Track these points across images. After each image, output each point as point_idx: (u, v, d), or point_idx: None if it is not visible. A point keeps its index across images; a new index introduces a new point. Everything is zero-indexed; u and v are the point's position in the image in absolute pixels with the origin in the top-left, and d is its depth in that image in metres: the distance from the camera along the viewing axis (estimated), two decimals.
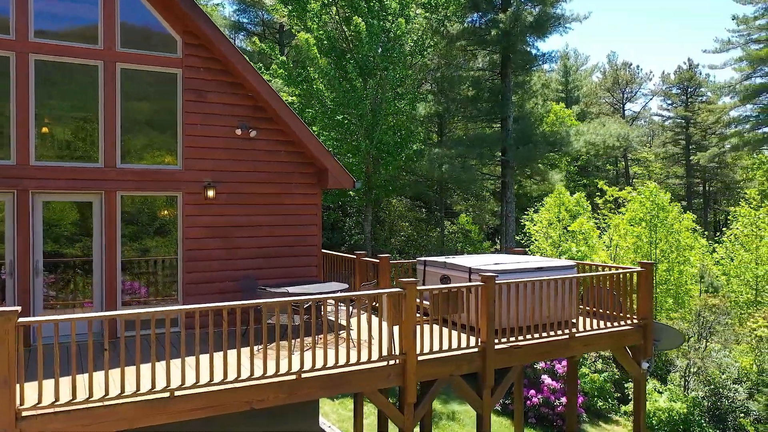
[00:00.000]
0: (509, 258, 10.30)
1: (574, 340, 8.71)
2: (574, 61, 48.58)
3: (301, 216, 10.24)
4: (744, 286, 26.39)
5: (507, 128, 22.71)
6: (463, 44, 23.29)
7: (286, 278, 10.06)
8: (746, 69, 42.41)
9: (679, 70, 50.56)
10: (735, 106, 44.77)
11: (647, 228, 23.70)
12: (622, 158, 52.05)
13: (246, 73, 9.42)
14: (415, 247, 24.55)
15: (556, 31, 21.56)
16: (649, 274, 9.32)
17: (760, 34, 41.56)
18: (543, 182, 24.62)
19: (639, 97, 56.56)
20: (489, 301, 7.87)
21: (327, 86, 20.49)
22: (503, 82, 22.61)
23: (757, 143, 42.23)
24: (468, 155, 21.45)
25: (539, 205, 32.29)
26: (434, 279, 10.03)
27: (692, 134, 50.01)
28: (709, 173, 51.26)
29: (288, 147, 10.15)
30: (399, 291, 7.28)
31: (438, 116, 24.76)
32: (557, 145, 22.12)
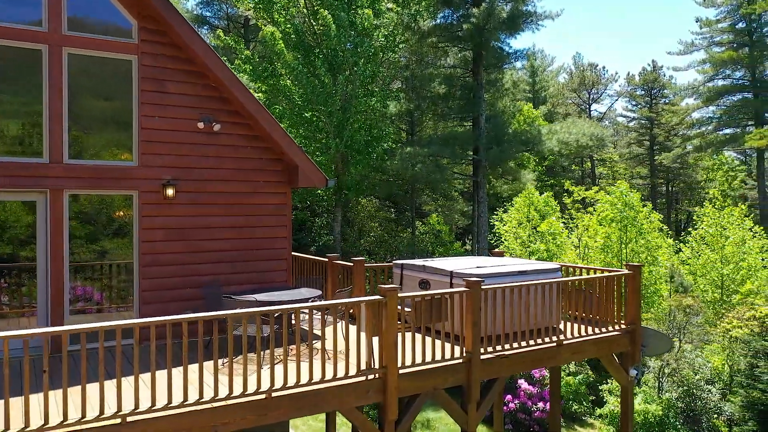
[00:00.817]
0: (490, 261, 9.78)
1: (562, 348, 8.23)
2: (540, 61, 48.77)
3: (269, 217, 9.51)
4: (710, 285, 26.61)
5: (479, 127, 22.30)
6: (434, 41, 22.79)
7: (253, 284, 9.33)
8: (709, 71, 43.15)
9: (644, 72, 51.24)
10: (698, 107, 45.55)
11: (618, 228, 23.62)
12: (588, 158, 52.51)
13: (209, 62, 8.66)
14: (385, 248, 23.96)
15: (529, 28, 21.28)
16: (637, 276, 8.92)
17: (723, 36, 42.33)
18: (515, 182, 24.32)
19: (604, 98, 57.17)
20: (474, 308, 7.31)
21: (295, 82, 19.75)
22: (475, 79, 22.19)
23: (720, 144, 43.01)
24: (441, 154, 20.95)
25: (509, 205, 32.18)
26: (412, 283, 9.44)
27: (656, 135, 50.74)
28: (673, 173, 52.10)
29: (255, 142, 9.42)
30: (379, 299, 6.66)
31: (408, 114, 24.21)
32: (530, 145, 21.82)
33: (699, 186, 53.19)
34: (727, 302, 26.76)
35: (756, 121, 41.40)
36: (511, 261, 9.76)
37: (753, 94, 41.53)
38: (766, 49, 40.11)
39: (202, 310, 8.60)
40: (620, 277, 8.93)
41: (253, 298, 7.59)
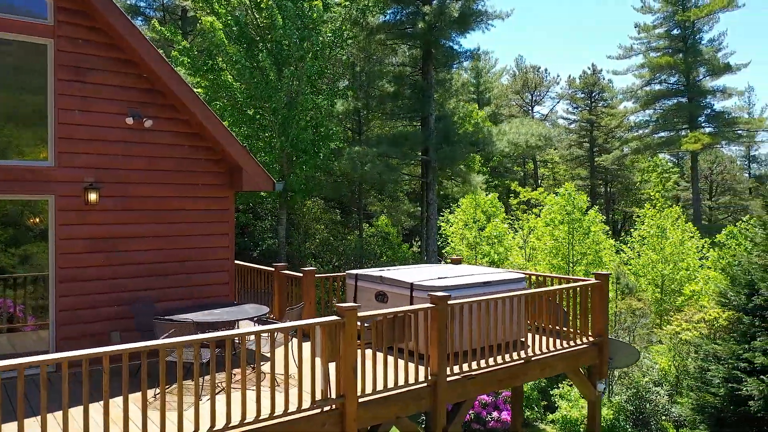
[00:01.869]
0: (450, 270, 9.14)
1: (529, 364, 7.68)
2: (484, 63, 49.01)
3: (209, 224, 8.54)
4: (650, 285, 27.12)
5: (429, 127, 21.78)
6: (382, 38, 22.13)
7: (191, 299, 8.34)
8: (647, 75, 44.37)
9: (584, 75, 52.31)
10: (636, 110, 46.83)
11: (565, 230, 23.65)
12: (530, 159, 53.21)
13: (140, 49, 7.62)
14: (331, 251, 23.10)
15: (479, 27, 20.93)
16: (605, 286, 8.49)
17: (659, 42, 43.61)
18: (464, 184, 23.96)
19: (547, 100, 58.11)
20: (440, 326, 6.64)
21: (237, 77, 18.63)
22: (425, 78, 21.66)
23: (657, 147, 44.30)
24: (390, 154, 20.29)
25: (455, 206, 31.95)
26: (368, 295, 8.69)
27: (596, 137, 51.89)
28: (611, 175, 53.45)
29: (193, 141, 8.43)
30: (336, 320, 5.87)
31: (356, 113, 23.46)
32: (480, 145, 21.48)
33: (635, 187, 54.82)
34: (667, 301, 27.36)
35: (690, 125, 42.87)
36: (472, 270, 9.16)
37: (687, 99, 42.99)
38: (699, 55, 41.57)
39: (132, 329, 7.59)
40: (586, 288, 8.47)
41: (190, 320, 6.65)
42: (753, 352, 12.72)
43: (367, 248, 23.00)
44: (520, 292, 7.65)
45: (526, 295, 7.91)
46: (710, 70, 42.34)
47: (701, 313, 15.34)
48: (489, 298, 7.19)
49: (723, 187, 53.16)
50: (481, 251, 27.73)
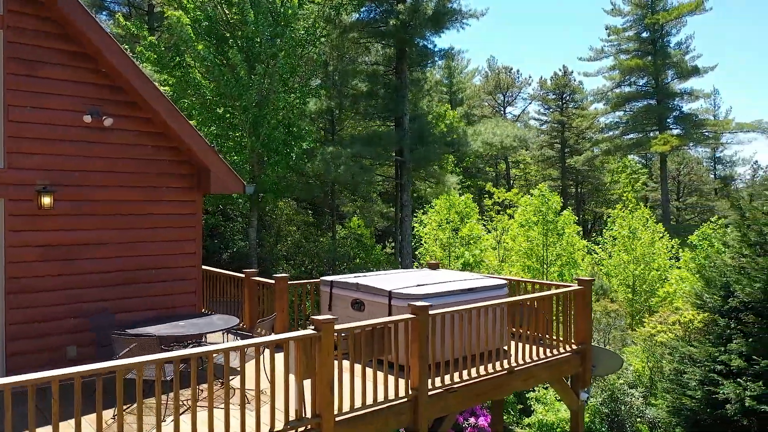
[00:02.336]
0: (429, 276, 8.80)
1: (513, 375, 7.37)
2: (457, 63, 48.98)
3: (174, 229, 8.03)
4: (621, 285, 27.28)
5: (403, 127, 21.44)
6: (356, 36, 21.71)
7: (155, 310, 7.83)
8: (617, 78, 44.84)
9: (555, 77, 52.69)
10: (606, 112, 47.30)
11: (540, 231, 23.59)
12: (503, 160, 53.39)
13: (99, 42, 7.09)
14: (303, 253, 22.60)
15: (454, 26, 20.68)
16: (588, 292, 8.24)
17: (629, 45, 44.10)
18: (438, 185, 23.69)
19: (518, 101, 58.40)
20: (421, 337, 6.28)
21: (206, 74, 18.02)
22: (399, 78, 21.31)
23: (627, 149, 44.79)
24: (364, 155, 19.89)
25: (428, 207, 31.71)
26: (343, 303, 8.30)
27: (567, 138, 52.32)
28: (582, 176, 53.97)
29: (158, 141, 7.92)
30: (311, 334, 5.47)
31: (329, 112, 22.98)
32: (454, 146, 21.23)
33: (605, 188, 55.45)
34: (639, 302, 27.56)
35: (659, 126, 43.46)
36: (451, 276, 8.83)
37: (656, 101, 43.55)
38: (668, 57, 42.15)
39: (91, 343, 7.06)
40: (569, 294, 8.21)
41: (153, 334, 6.16)
42: (729, 355, 12.68)
43: (340, 250, 22.56)
44: (503, 301, 7.35)
45: (508, 303, 7.61)
46: (678, 73, 42.98)
47: (676, 315, 15.32)
48: (471, 307, 6.86)
49: (690, 188, 54.13)
50: (455, 253, 27.54)
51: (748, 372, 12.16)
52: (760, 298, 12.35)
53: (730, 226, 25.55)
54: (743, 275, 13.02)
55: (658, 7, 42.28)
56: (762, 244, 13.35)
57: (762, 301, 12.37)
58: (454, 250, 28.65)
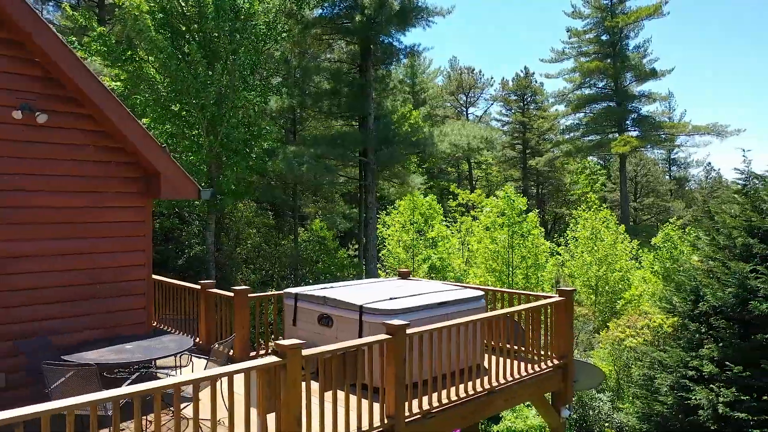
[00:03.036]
0: (401, 287, 8.22)
1: (493, 396, 6.85)
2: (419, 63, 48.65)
3: (121, 239, 7.22)
4: (584, 287, 27.33)
5: (368, 126, 20.83)
6: (318, 32, 20.99)
7: (99, 329, 7.01)
8: (577, 80, 45.26)
9: (517, 78, 52.92)
10: (567, 114, 47.72)
11: (505, 233, 23.34)
12: (465, 161, 53.35)
13: (31, 27, 6.25)
14: (264, 257, 21.78)
15: (420, 24, 20.19)
16: (569, 302, 7.80)
17: (590, 47, 44.54)
18: (403, 186, 23.18)
19: (481, 101, 58.49)
20: (398, 360, 5.69)
21: (161, 69, 17.03)
22: (363, 76, 20.69)
23: (588, 150, 45.25)
24: (328, 155, 19.19)
25: (391, 208, 31.22)
26: (309, 318, 7.64)
27: (529, 139, 52.62)
28: (543, 177, 54.40)
29: (101, 140, 7.10)
30: (275, 362, 4.81)
31: (291, 111, 22.18)
32: (420, 146, 20.75)
33: (565, 188, 56.06)
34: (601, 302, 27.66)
35: (618, 128, 44.05)
36: (425, 287, 8.27)
37: (616, 103, 44.12)
38: (627, 60, 42.74)
39: (23, 371, 6.21)
40: (549, 306, 7.74)
41: (93, 362, 5.38)
42: (700, 360, 12.51)
43: (303, 254, 21.82)
44: (483, 316, 6.82)
45: (487, 318, 7.08)
46: (636, 76, 43.64)
47: (645, 320, 15.18)
48: (450, 324, 6.31)
49: (647, 188, 55.15)
50: (420, 255, 27.14)
51: (720, 378, 12.00)
52: (732, 303, 12.21)
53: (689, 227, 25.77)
54: (714, 279, 12.89)
55: (617, 11, 42.84)
56: (731, 248, 13.25)
57: (733, 306, 12.23)
58: (419, 253, 28.26)
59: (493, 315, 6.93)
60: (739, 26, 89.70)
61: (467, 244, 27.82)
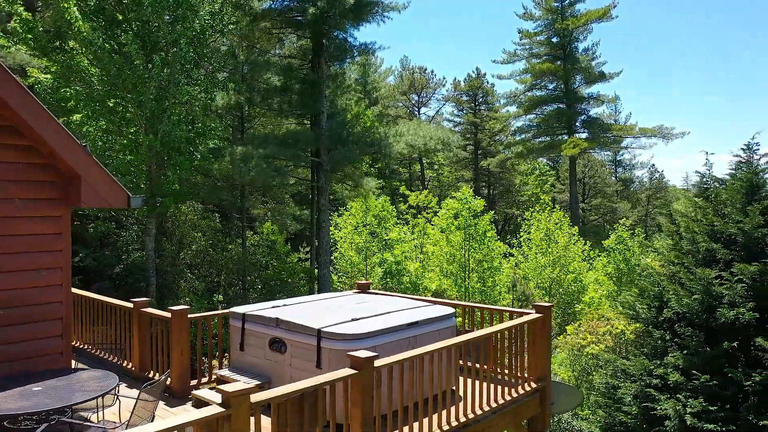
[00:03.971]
0: (363, 305, 7.38)
1: (469, 428, 6.10)
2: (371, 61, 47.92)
3: (32, 255, 6.09)
4: (538, 289, 27.19)
5: (320, 126, 19.86)
6: (268, 25, 19.87)
7: (5, 362, 5.87)
8: (529, 81, 45.46)
9: (469, 78, 52.82)
10: (518, 115, 47.92)
11: (461, 236, 22.82)
12: (417, 161, 52.93)
13: None
14: (210, 263, 20.51)
15: (374, 19, 19.36)
16: (547, 319, 7.14)
17: (540, 49, 44.80)
18: (356, 188, 22.32)
19: (433, 102, 58.20)
20: (366, 398, 4.86)
21: (94, 61, 15.61)
22: (316, 72, 19.70)
23: (539, 151, 45.54)
24: (279, 156, 18.11)
25: (343, 209, 30.37)
26: (259, 343, 6.71)
27: (481, 140, 52.62)
28: (494, 177, 54.55)
29: (9, 138, 5.97)
30: (218, 413, 3.90)
31: (238, 108, 20.97)
32: (376, 147, 19.93)
33: (515, 189, 56.43)
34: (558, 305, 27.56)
35: (568, 130, 44.47)
36: (390, 304, 7.45)
37: (566, 105, 44.54)
38: (577, 62, 43.18)
39: None
40: (523, 325, 7.05)
41: None
42: (666, 368, 12.16)
43: (251, 259, 20.67)
44: (459, 340, 6.05)
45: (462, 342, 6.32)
46: (586, 78, 44.19)
47: (607, 325, 14.84)
48: (424, 352, 5.51)
49: (594, 190, 56.07)
50: (374, 257, 26.37)
51: (686, 387, 11.67)
52: (697, 310, 11.91)
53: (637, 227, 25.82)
54: (678, 285, 12.59)
55: (567, 13, 43.20)
56: (694, 253, 12.99)
57: (698, 313, 11.93)
58: (373, 257, 27.48)
59: (469, 338, 6.17)
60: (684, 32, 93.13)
61: (422, 246, 27.21)
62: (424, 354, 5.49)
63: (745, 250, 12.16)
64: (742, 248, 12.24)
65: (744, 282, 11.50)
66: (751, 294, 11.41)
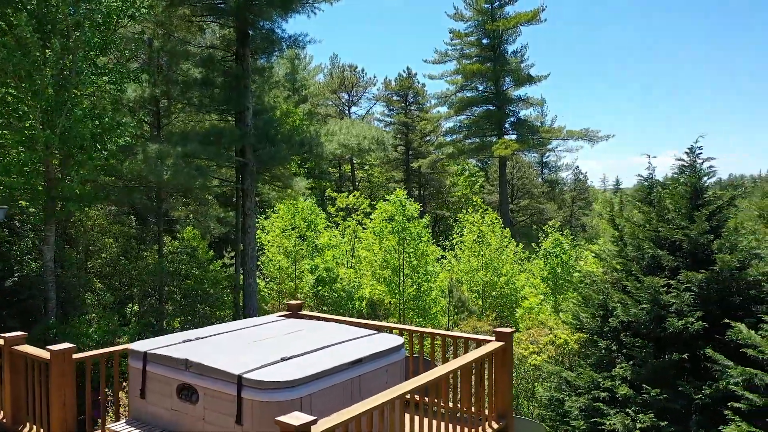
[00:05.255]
0: (295, 338, 6.15)
1: None
2: (300, 58, 46.41)
3: None
4: (472, 293, 26.72)
5: (246, 123, 18.35)
6: (187, 12, 18.15)
7: None
8: (459, 81, 45.31)
9: (400, 78, 52.18)
10: (449, 116, 47.72)
11: (395, 240, 21.89)
12: (347, 161, 51.80)
13: None
14: (121, 272, 18.58)
15: (304, 10, 18.03)
16: (509, 349, 6.20)
17: (471, 49, 44.75)
18: (285, 189, 20.93)
19: (363, 101, 57.20)
20: None
21: None
22: (240, 65, 18.17)
23: (470, 152, 45.50)
24: (200, 155, 16.49)
25: (271, 212, 28.89)
26: (165, 389, 5.37)
27: (412, 140, 52.10)
28: (425, 178, 54.22)
29: None
30: None
31: (154, 102, 19.11)
32: (306, 146, 18.63)
33: (446, 190, 56.37)
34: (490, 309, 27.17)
35: (498, 131, 44.64)
36: (327, 333, 6.27)
37: (496, 107, 44.69)
38: (506, 64, 43.39)
39: None
40: (484, 358, 6.05)
41: None
42: (613, 381, 11.62)
43: (169, 267, 18.89)
44: (413, 386, 4.97)
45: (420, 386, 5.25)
46: (515, 80, 44.51)
47: (550, 335, 14.27)
48: (373, 407, 4.39)
49: (523, 191, 56.82)
50: (304, 262, 25.04)
51: (635, 401, 11.17)
52: (645, 320, 11.43)
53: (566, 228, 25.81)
54: (624, 293, 12.11)
55: (497, 15, 43.31)
56: (639, 260, 12.57)
57: (646, 323, 11.46)
58: (302, 261, 26.15)
59: (426, 382, 5.10)
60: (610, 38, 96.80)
61: (355, 250, 26.14)
62: (374, 409, 4.37)
63: (691, 256, 11.82)
64: (687, 255, 11.90)
65: (691, 290, 11.12)
66: (699, 303, 11.05)
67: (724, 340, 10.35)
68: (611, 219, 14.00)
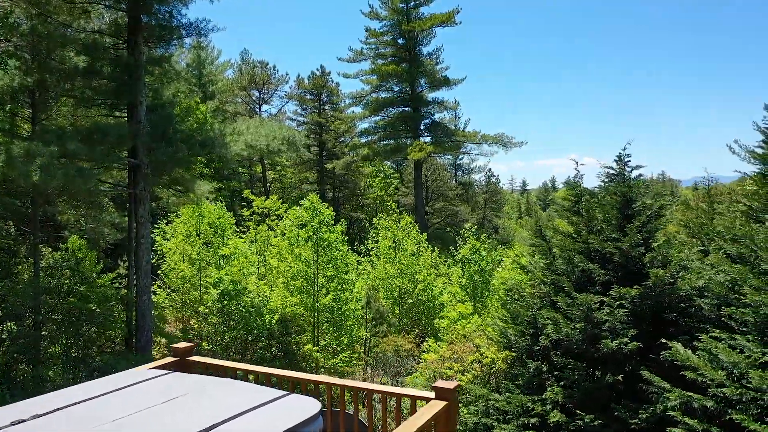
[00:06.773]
0: (175, 408, 4.61)
1: None
2: (207, 53, 43.78)
3: None
4: (387, 300, 25.75)
5: (138, 119, 16.23)
6: None
7: None
8: (375, 82, 44.34)
9: (313, 76, 50.53)
10: (364, 116, 46.65)
11: (310, 249, 20.39)
12: (258, 161, 49.53)
13: None
14: None
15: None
16: (453, 407, 4.99)
17: (387, 49, 43.90)
18: (186, 194, 18.91)
19: (275, 99, 54.98)
20: None
21: None
22: (132, 54, 16.04)
23: (386, 154, 44.67)
24: (81, 155, 14.25)
25: (173, 216, 26.66)
26: None
27: (326, 141, 50.59)
28: (339, 180, 52.88)
29: None
30: None
31: (28, 93, 16.55)
32: (209, 146, 16.75)
33: (360, 192, 55.34)
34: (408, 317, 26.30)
35: (414, 134, 44.07)
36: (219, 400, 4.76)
37: (412, 108, 44.08)
38: (421, 66, 42.88)
39: None
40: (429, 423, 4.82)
41: None
42: (544, 405, 10.80)
43: (48, 284, 16.44)
44: None
45: None
46: (430, 82, 44.11)
47: (476, 353, 13.35)
48: None
49: (437, 193, 56.78)
50: (210, 270, 23.02)
51: (569, 427, 10.40)
52: (578, 339, 10.68)
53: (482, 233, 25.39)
54: (554, 310, 11.34)
55: (413, 15, 42.71)
56: (569, 274, 11.86)
57: (578, 343, 10.72)
58: (208, 268, 24.11)
59: None
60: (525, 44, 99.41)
61: (265, 258, 24.40)
62: None
63: (623, 269, 11.23)
64: (619, 268, 11.29)
65: (625, 307, 10.47)
66: (632, 320, 10.42)
67: (659, 360, 9.77)
68: (538, 230, 13.26)
